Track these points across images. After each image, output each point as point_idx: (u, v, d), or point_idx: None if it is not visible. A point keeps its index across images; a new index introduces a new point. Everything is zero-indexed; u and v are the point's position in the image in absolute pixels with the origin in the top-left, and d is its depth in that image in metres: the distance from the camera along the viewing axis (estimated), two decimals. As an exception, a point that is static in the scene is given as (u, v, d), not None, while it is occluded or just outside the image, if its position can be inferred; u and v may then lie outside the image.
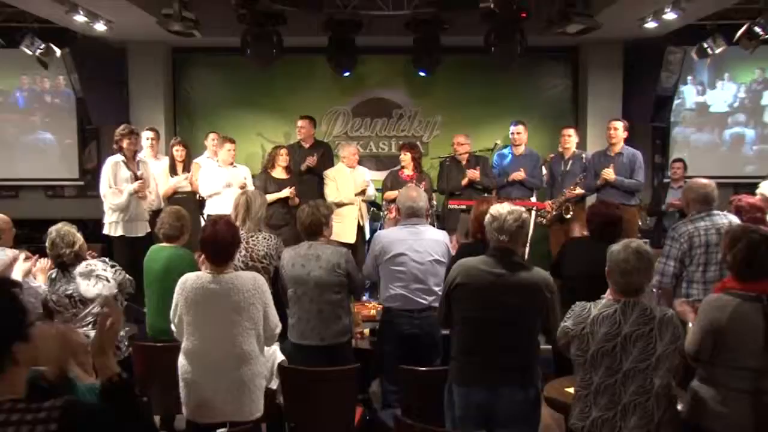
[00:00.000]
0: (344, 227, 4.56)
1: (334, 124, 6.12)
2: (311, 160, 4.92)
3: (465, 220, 4.27)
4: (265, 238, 2.99)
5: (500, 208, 2.18)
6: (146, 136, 4.88)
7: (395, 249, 2.80)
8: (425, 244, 2.82)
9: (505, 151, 5.17)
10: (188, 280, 2.29)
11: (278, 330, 2.36)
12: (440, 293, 2.72)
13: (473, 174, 4.76)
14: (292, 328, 2.79)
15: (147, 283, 2.98)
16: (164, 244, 3.01)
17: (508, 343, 2.10)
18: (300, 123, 5.10)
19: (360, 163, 4.98)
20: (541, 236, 5.39)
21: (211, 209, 4.70)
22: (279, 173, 4.69)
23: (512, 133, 5.10)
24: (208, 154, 5.25)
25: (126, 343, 2.82)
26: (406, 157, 4.78)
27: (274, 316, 2.33)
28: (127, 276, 2.81)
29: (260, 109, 6.02)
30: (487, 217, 2.20)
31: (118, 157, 4.30)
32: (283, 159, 4.61)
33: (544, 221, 4.95)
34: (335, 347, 2.74)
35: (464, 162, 4.90)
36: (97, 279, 2.63)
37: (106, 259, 2.78)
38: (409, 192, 2.93)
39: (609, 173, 4.60)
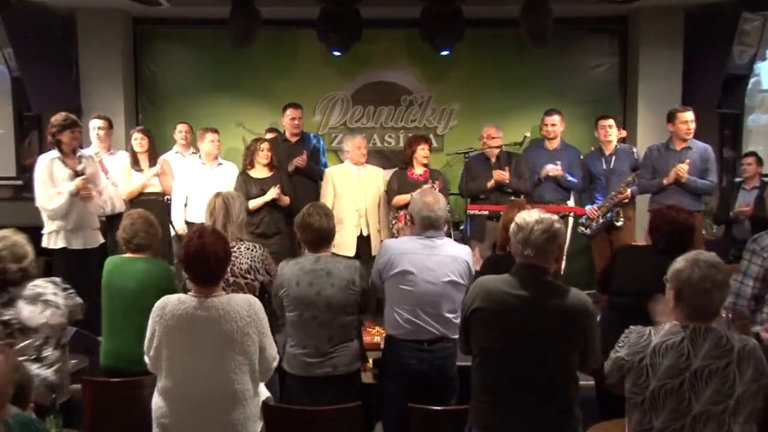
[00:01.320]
0: (341, 237, 4.57)
1: (330, 113, 6.16)
2: (300, 160, 4.94)
3: (493, 229, 4.42)
4: (248, 249, 3.02)
5: (527, 216, 2.18)
6: (93, 125, 4.87)
7: (403, 264, 2.83)
8: (441, 261, 2.83)
9: (536, 146, 5.21)
10: (168, 304, 2.28)
11: (275, 363, 2.38)
12: (456, 321, 2.77)
13: (501, 175, 4.75)
14: (293, 358, 2.80)
15: (110, 304, 2.98)
16: (133, 256, 3.03)
17: (537, 382, 2.08)
18: (290, 112, 5.11)
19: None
20: (582, 249, 5.45)
21: (192, 215, 4.74)
22: (260, 172, 4.67)
23: (545, 124, 5.13)
24: (177, 148, 5.37)
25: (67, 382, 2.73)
26: (423, 152, 4.76)
27: (271, 347, 2.35)
28: (79, 299, 2.77)
29: (241, 94, 6.04)
30: (512, 227, 2.22)
31: (53, 154, 4.11)
32: (263, 155, 4.61)
33: (587, 231, 5.01)
34: (345, 378, 2.77)
35: (494, 159, 4.90)
36: (45, 305, 2.56)
37: (58, 280, 2.71)
38: (425, 197, 2.92)
39: (683, 170, 4.43)
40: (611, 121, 5.00)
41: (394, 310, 2.85)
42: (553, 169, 4.93)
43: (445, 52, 5.55)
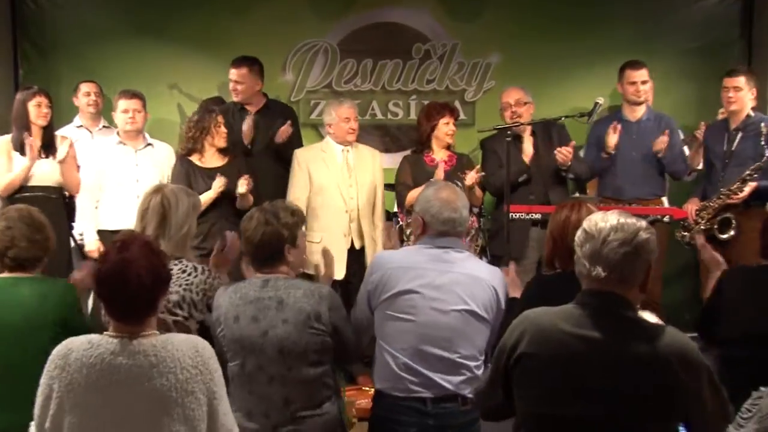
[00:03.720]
0: (323, 252, 4.66)
1: (309, 70, 6.17)
2: (283, 133, 5.04)
3: (540, 239, 4.48)
4: (183, 271, 3.08)
5: (599, 220, 2.20)
6: None
7: (402, 283, 2.89)
8: (456, 281, 2.89)
9: (611, 117, 5.26)
10: (73, 350, 2.27)
11: None
12: (477, 370, 2.85)
13: (563, 155, 4.79)
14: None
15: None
16: (12, 275, 3.02)
17: None
18: (233, 73, 5.20)
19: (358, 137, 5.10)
20: (685, 267, 5.52)
21: (107, 220, 4.80)
22: (211, 158, 4.76)
23: (630, 83, 5.16)
24: (80, 120, 5.51)
25: None
26: (446, 127, 4.84)
27: (226, 416, 2.36)
28: None
29: (177, 42, 6.05)
30: (578, 235, 2.24)
31: None
32: (219, 135, 4.74)
33: (689, 240, 5.04)
34: None
35: (527, 136, 5.00)
36: None
37: None
38: (441, 192, 3.00)
39: None
40: (741, 80, 4.93)
41: (387, 351, 2.90)
42: (660, 143, 4.96)
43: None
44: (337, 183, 4.85)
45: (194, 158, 4.73)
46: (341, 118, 4.87)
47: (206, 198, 4.57)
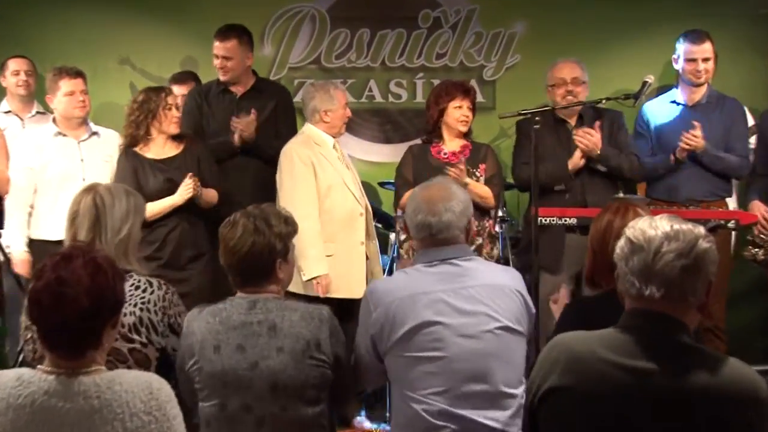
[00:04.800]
0: (348, 269, 4.70)
1: (292, 43, 6.18)
2: (244, 122, 5.05)
3: (578, 248, 4.50)
4: (137, 288, 3.09)
5: (647, 227, 2.22)
6: None
7: (418, 314, 2.89)
8: (475, 296, 2.92)
9: (666, 98, 5.30)
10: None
11: None
12: (520, 399, 2.87)
13: (586, 140, 4.78)
14: None
15: None
16: None
17: None
18: (219, 48, 5.21)
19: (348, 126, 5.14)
20: (752, 283, 5.51)
21: (43, 229, 4.82)
22: (160, 148, 4.77)
23: (688, 60, 5.17)
24: (7, 105, 5.60)
25: None
26: (459, 111, 4.84)
27: None
28: None
29: (128, 8, 6.07)
30: (620, 245, 2.26)
31: None
32: (169, 120, 4.73)
33: (758, 253, 5.04)
34: None
35: (572, 121, 5.02)
36: None
37: None
38: (425, 190, 3.05)
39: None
40: None
41: (414, 399, 2.89)
42: (691, 137, 4.95)
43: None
44: (345, 181, 4.88)
45: (140, 149, 4.74)
46: (342, 104, 4.90)
47: (166, 204, 4.62)
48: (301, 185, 4.76)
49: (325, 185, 4.80)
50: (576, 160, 4.84)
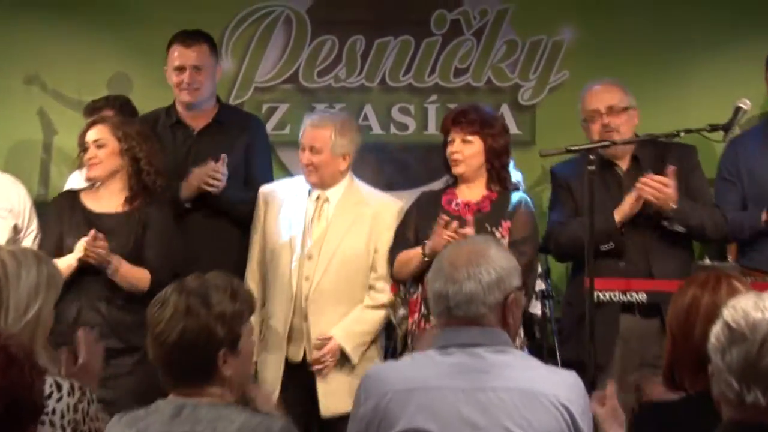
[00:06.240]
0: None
1: (260, 54, 5.87)
2: (206, 172, 4.69)
3: (640, 336, 4.47)
4: (47, 396, 3.04)
5: (751, 308, 2.14)
6: None
7: (405, 416, 2.74)
8: (494, 403, 2.73)
9: (756, 132, 5.04)
10: None
11: None
12: None
13: (655, 189, 4.39)
14: None
15: None
16: None
17: None
18: (185, 56, 4.87)
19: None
20: None
21: None
22: (109, 198, 4.60)
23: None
24: None
25: None
26: (450, 146, 4.47)
27: None
28: None
29: (40, 11, 5.83)
30: (715, 332, 2.18)
31: None
32: (89, 159, 4.53)
33: None
34: None
35: (623, 164, 4.68)
36: None
37: None
38: (457, 250, 2.95)
39: None
40: None
41: None
42: None
43: None
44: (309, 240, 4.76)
45: (87, 193, 4.61)
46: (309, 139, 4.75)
47: (65, 264, 4.36)
48: (251, 249, 4.82)
49: (280, 240, 4.78)
50: (625, 209, 4.46)
